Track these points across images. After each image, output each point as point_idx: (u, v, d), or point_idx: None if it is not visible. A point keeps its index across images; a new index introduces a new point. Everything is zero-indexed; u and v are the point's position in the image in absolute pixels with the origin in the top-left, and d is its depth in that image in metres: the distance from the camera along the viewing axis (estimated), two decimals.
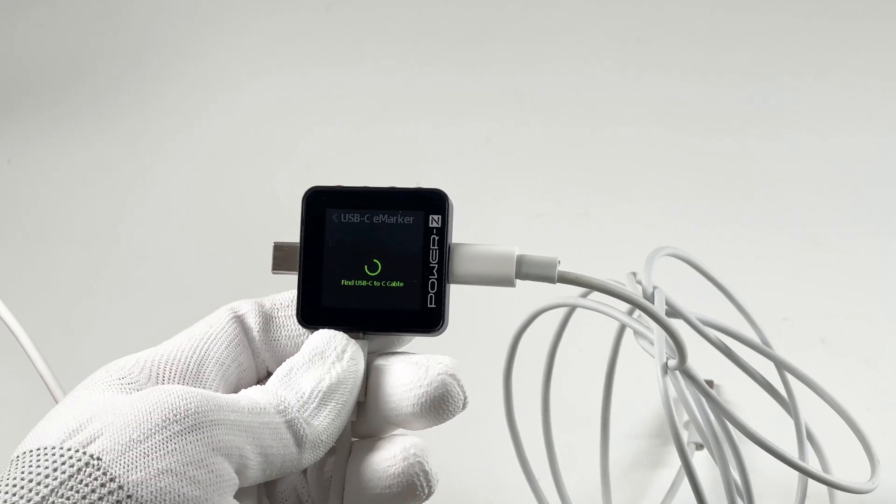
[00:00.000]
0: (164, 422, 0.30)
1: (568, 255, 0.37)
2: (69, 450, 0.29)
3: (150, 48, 0.79)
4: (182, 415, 0.30)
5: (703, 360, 0.45)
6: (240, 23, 0.80)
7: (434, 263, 0.35)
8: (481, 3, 0.78)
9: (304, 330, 0.36)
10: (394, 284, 0.35)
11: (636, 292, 0.43)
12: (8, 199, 0.73)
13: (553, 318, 0.50)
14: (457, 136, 0.72)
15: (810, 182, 0.66)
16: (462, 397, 0.34)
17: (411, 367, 0.34)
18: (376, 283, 0.35)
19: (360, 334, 0.35)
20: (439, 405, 0.33)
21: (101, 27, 0.81)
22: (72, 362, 0.46)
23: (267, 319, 0.36)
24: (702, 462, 0.53)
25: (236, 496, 0.32)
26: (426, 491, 0.33)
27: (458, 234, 0.36)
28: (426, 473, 0.33)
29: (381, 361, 0.35)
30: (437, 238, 0.35)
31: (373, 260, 0.35)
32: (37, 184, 0.73)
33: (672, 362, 0.39)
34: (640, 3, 0.76)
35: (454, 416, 0.34)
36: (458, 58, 0.75)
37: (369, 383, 0.35)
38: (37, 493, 0.28)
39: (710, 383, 0.55)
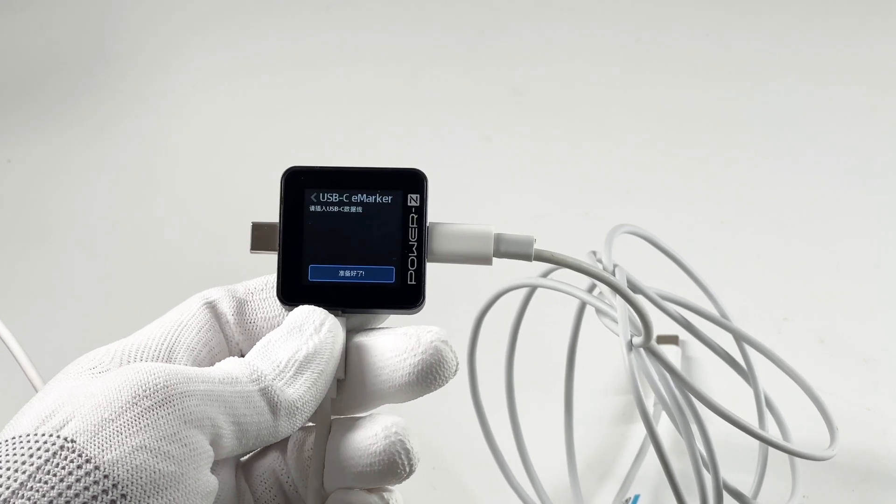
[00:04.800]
0: (134, 398, 0.30)
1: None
2: (43, 435, 0.29)
3: (150, 48, 0.80)
4: (151, 389, 0.30)
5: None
6: (241, 22, 0.80)
7: (413, 241, 0.35)
8: (481, 3, 0.78)
9: (282, 311, 0.36)
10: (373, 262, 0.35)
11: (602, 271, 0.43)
12: (8, 199, 0.73)
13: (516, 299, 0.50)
14: (457, 135, 0.72)
15: (810, 182, 0.66)
16: (455, 362, 0.34)
17: (401, 338, 0.34)
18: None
19: (339, 311, 0.35)
20: (435, 371, 0.34)
21: (102, 25, 0.81)
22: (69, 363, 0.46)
23: (241, 304, 0.36)
24: (668, 435, 0.53)
25: (214, 472, 0.32)
26: (407, 469, 0.34)
27: None
28: (407, 452, 0.33)
29: (361, 338, 0.36)
30: (415, 216, 0.35)
31: (352, 238, 0.35)
32: (37, 183, 0.73)
33: (637, 339, 0.39)
34: (640, 3, 0.76)
35: (447, 382, 0.34)
36: (457, 57, 0.75)
37: (350, 360, 0.35)
38: (15, 480, 0.28)
39: (675, 339, 0.55)
